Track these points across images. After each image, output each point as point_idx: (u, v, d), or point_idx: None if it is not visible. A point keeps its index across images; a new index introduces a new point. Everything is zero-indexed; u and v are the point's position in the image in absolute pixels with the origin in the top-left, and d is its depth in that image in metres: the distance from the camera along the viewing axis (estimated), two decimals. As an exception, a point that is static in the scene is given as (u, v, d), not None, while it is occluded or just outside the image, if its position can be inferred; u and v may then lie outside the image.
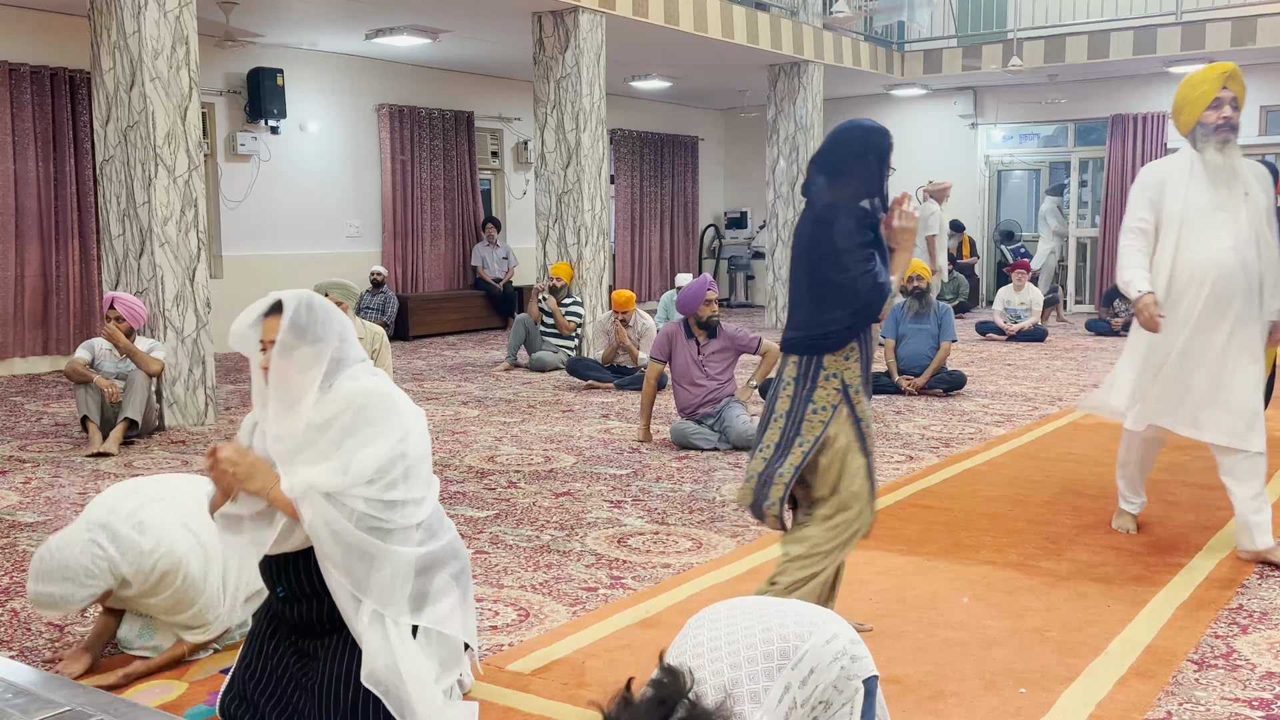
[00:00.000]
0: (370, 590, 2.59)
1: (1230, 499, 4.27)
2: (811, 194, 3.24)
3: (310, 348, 2.59)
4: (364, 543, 2.56)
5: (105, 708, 1.57)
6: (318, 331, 2.60)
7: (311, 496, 2.53)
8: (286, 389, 2.60)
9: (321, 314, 2.63)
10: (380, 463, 2.57)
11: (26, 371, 9.81)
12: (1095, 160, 15.64)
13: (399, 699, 2.60)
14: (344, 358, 2.66)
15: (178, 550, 3.17)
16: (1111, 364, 9.98)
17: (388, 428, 2.61)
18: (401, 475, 2.60)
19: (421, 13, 10.18)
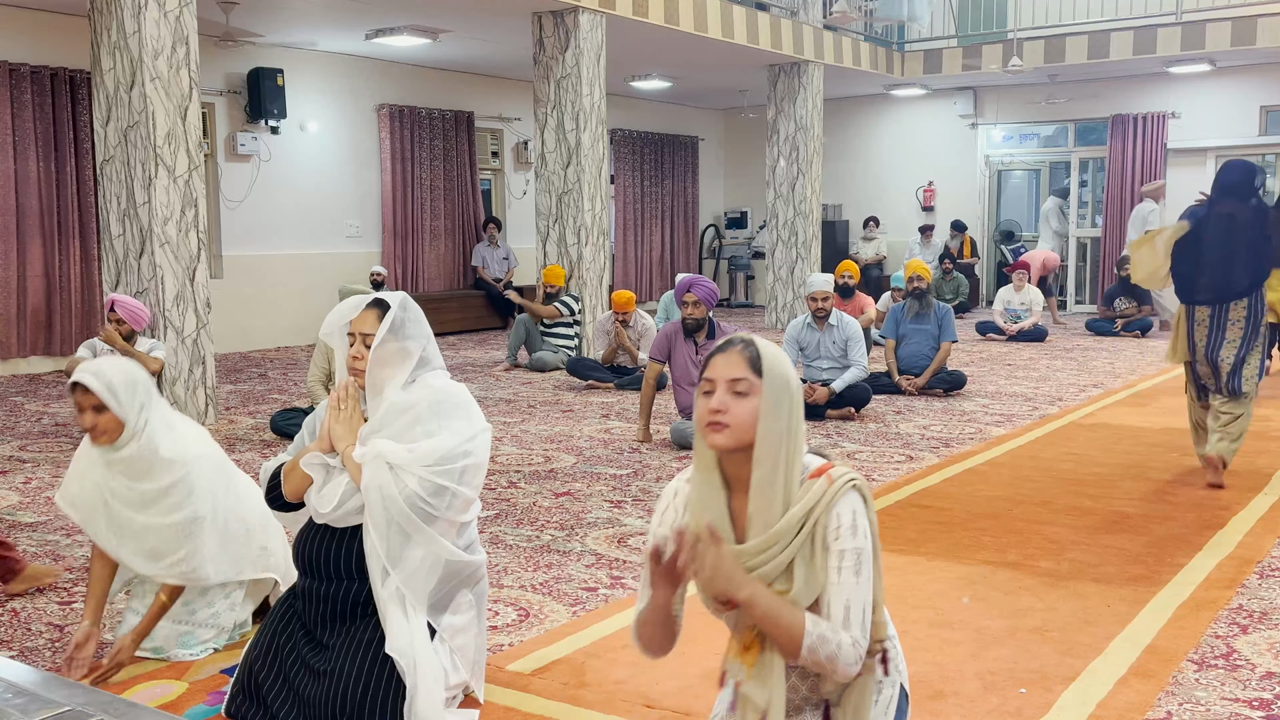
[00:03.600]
0: (400, 565, 2.76)
1: None
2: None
3: (401, 344, 2.82)
4: (406, 518, 2.73)
5: (105, 708, 1.57)
6: (410, 330, 2.83)
7: (376, 462, 2.72)
8: (374, 380, 2.81)
9: (415, 315, 2.86)
10: (444, 452, 2.76)
11: (27, 371, 9.82)
12: (1095, 160, 15.64)
13: (410, 681, 2.72)
14: (429, 359, 2.89)
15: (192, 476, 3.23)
16: (1111, 364, 9.99)
17: (460, 426, 2.82)
18: (460, 470, 2.78)
19: (421, 13, 10.18)
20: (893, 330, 8.57)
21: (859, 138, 16.88)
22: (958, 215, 15.94)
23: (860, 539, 2.04)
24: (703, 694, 3.08)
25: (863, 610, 2.03)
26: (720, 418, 2.05)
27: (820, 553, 2.03)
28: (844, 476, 2.07)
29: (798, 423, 2.09)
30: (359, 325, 2.84)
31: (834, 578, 2.03)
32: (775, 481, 2.04)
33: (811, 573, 2.02)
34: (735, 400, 2.05)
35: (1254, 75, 14.07)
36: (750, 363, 2.08)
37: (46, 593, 3.97)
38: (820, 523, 2.03)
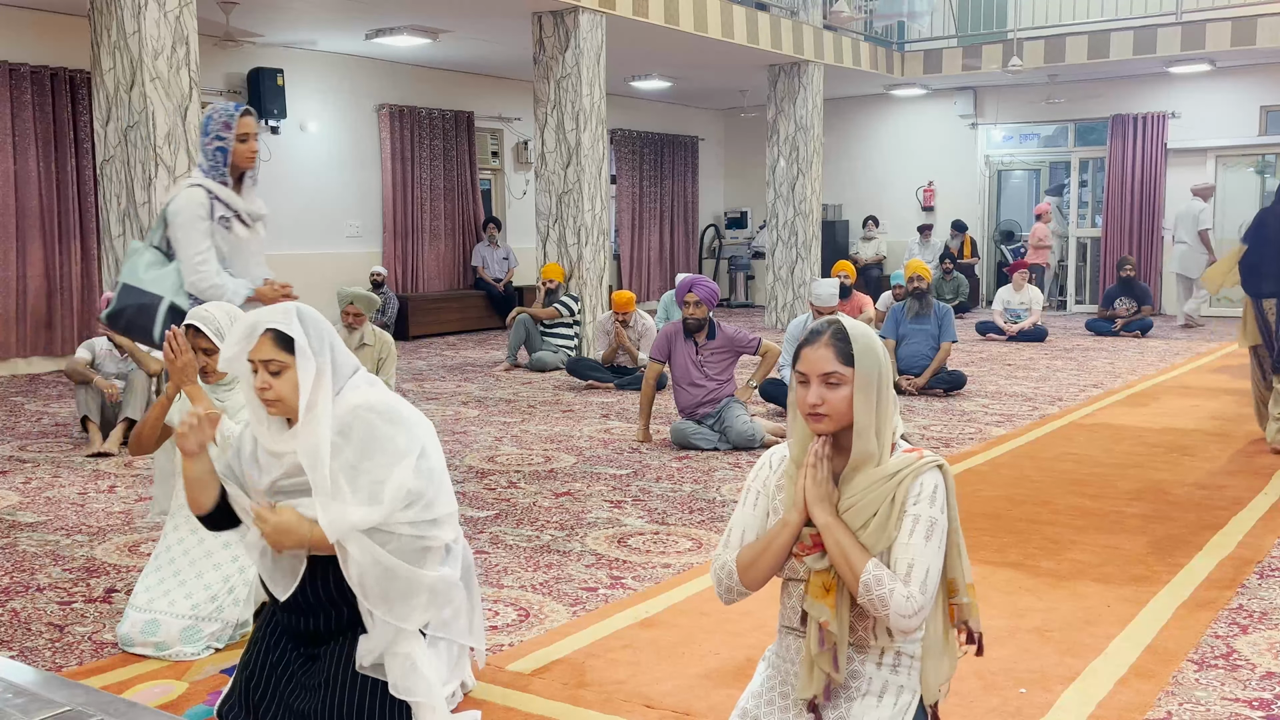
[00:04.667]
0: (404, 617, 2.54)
1: None
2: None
3: (305, 362, 2.51)
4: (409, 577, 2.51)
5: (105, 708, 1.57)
6: (312, 345, 2.53)
7: (355, 536, 2.47)
8: (284, 407, 2.54)
9: (312, 327, 2.55)
10: (410, 486, 2.51)
11: (27, 371, 9.82)
12: (1095, 160, 15.65)
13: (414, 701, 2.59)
14: (338, 367, 2.59)
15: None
16: (1111, 364, 9.99)
17: (405, 448, 2.54)
18: (435, 493, 2.57)
19: (421, 13, 10.18)
20: (893, 330, 8.57)
21: (859, 138, 16.88)
22: (958, 215, 15.94)
23: (936, 510, 2.19)
24: (703, 694, 3.08)
25: (926, 571, 2.15)
26: (819, 410, 2.21)
27: (897, 512, 2.18)
28: (933, 457, 2.25)
29: (887, 391, 2.25)
30: (257, 353, 2.53)
31: (904, 538, 2.17)
32: (870, 446, 2.22)
33: (884, 526, 2.18)
34: (829, 391, 2.21)
35: (1254, 75, 14.07)
36: (840, 355, 2.22)
37: (46, 591, 3.97)
38: (904, 485, 2.19)
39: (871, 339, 2.25)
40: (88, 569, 4.23)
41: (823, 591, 2.20)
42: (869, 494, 2.20)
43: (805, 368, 2.24)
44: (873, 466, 2.22)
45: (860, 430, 2.21)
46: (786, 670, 2.32)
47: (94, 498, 5.36)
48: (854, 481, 2.22)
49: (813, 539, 2.21)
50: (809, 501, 2.21)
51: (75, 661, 3.35)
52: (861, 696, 2.23)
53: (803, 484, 2.22)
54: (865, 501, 2.20)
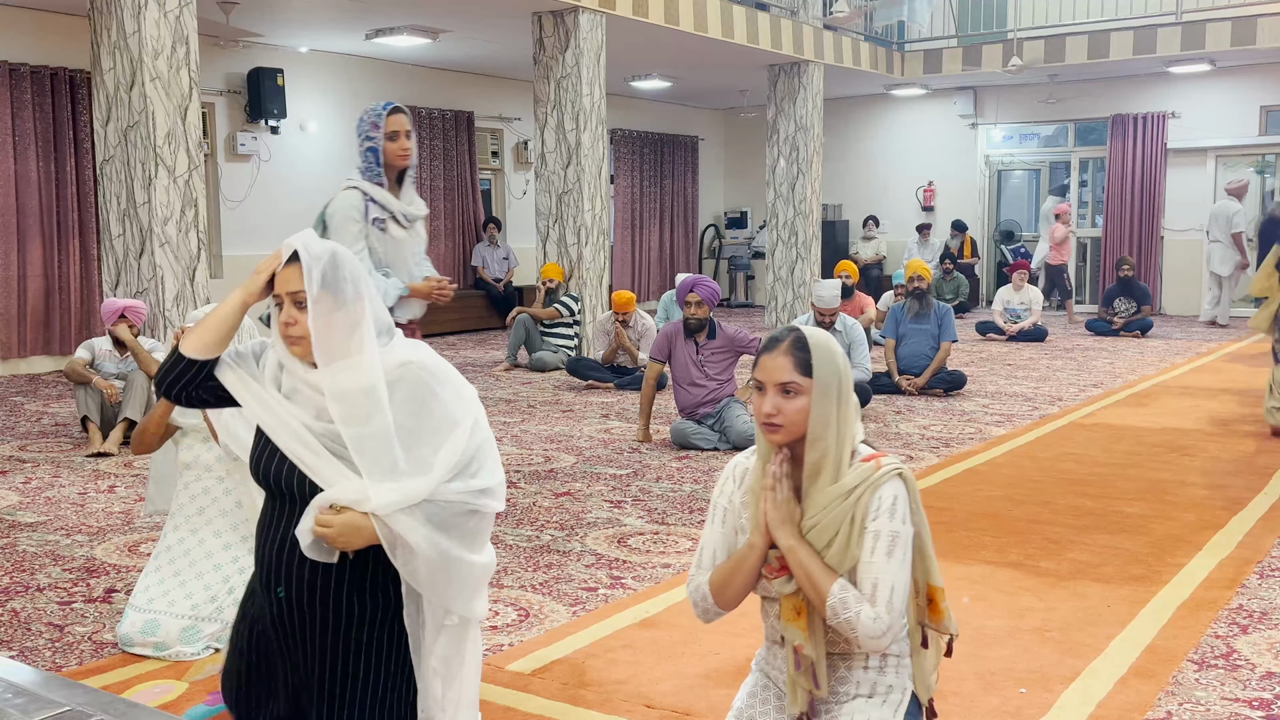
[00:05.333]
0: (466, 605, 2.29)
1: None
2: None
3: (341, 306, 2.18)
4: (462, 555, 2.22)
5: (105, 708, 1.57)
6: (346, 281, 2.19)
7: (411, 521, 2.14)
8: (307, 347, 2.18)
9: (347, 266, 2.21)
10: (460, 456, 2.20)
11: (27, 371, 9.81)
12: (1095, 160, 15.65)
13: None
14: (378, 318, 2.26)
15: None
16: (1111, 364, 9.99)
17: (459, 414, 2.24)
18: (485, 456, 2.27)
19: (421, 13, 10.17)
20: (893, 330, 8.57)
21: (859, 138, 16.88)
22: (958, 215, 15.94)
23: (898, 523, 2.14)
24: (702, 694, 3.08)
25: (891, 589, 2.11)
26: (774, 420, 2.15)
27: (858, 530, 2.13)
28: (891, 464, 2.18)
29: (847, 405, 2.19)
30: (282, 285, 2.19)
31: (866, 556, 2.13)
32: (827, 461, 2.16)
33: (846, 545, 2.13)
34: (786, 401, 2.15)
35: (1254, 75, 14.07)
36: (798, 364, 2.16)
37: (46, 591, 3.97)
38: (862, 501, 2.13)
39: (832, 349, 2.19)
40: (88, 569, 4.23)
41: (794, 615, 2.17)
42: (829, 513, 2.14)
43: (762, 376, 2.18)
44: (830, 482, 2.16)
45: (812, 441, 2.14)
46: (776, 677, 2.31)
47: (94, 498, 5.36)
48: (814, 499, 2.16)
49: (779, 561, 2.16)
50: (770, 525, 2.15)
51: (75, 661, 3.35)
52: (851, 699, 2.22)
53: (764, 507, 2.16)
54: (826, 521, 2.14)
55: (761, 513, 2.17)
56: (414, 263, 4.10)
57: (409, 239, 4.06)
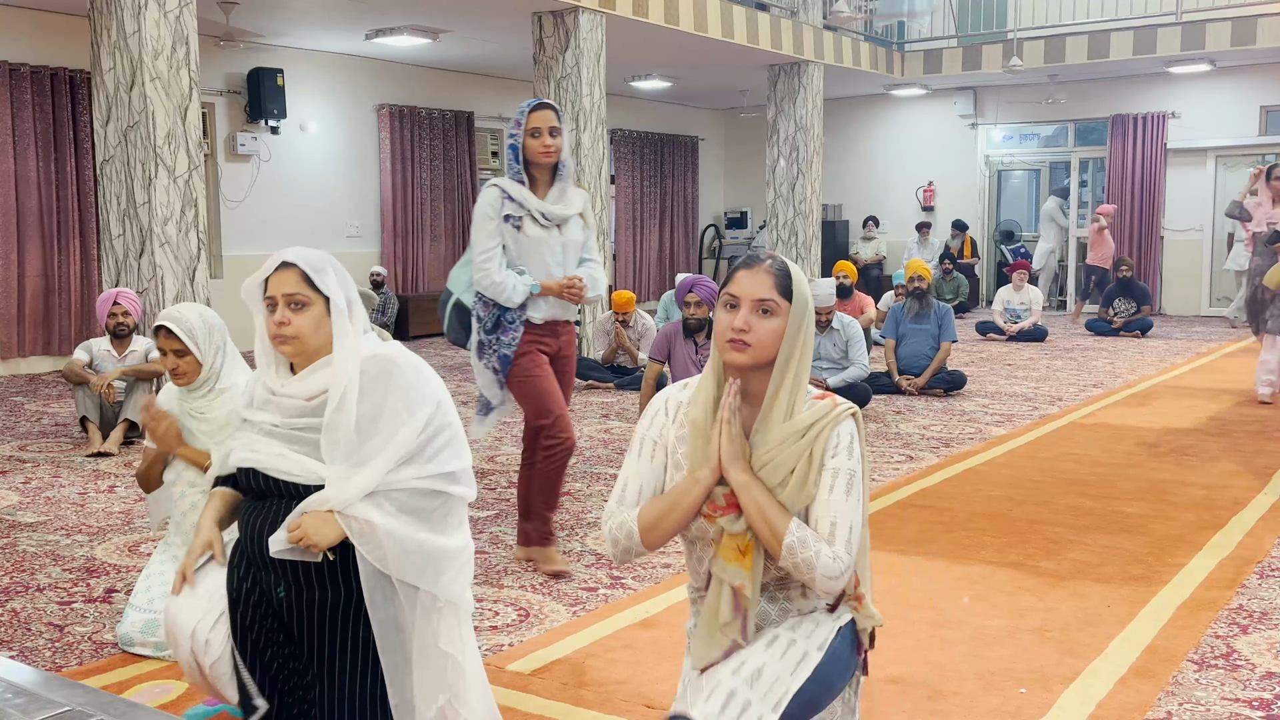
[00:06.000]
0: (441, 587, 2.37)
1: None
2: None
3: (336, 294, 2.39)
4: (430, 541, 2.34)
5: (105, 708, 1.57)
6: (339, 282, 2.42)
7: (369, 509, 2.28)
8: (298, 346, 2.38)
9: (335, 267, 2.44)
10: (412, 444, 2.33)
11: (27, 371, 9.82)
12: (1095, 160, 15.65)
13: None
14: (355, 316, 2.44)
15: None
16: (1111, 364, 9.99)
17: (420, 401, 2.38)
18: (445, 443, 2.39)
19: (421, 13, 10.18)
20: (893, 330, 8.57)
21: (859, 138, 16.88)
22: (957, 215, 15.95)
23: (855, 462, 2.10)
24: (703, 694, 3.08)
25: (849, 528, 2.06)
26: (744, 337, 2.06)
27: (816, 467, 2.07)
28: (845, 403, 2.13)
29: (809, 341, 2.14)
30: (277, 287, 2.37)
31: (824, 494, 2.07)
32: (784, 397, 2.09)
33: (803, 483, 2.07)
34: (759, 320, 2.07)
35: (1254, 75, 14.07)
36: (779, 285, 2.09)
37: (46, 591, 3.97)
38: (821, 438, 2.08)
39: (805, 283, 2.15)
40: (88, 569, 4.23)
41: (737, 555, 2.06)
42: (784, 449, 2.07)
43: (738, 290, 2.08)
44: (784, 418, 2.08)
45: (779, 368, 2.08)
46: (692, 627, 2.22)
47: (94, 498, 5.36)
48: (767, 436, 2.08)
49: (726, 499, 2.07)
50: (725, 460, 2.05)
51: (75, 661, 3.35)
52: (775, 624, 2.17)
53: (718, 440, 2.06)
54: (781, 458, 2.07)
55: (715, 447, 2.07)
56: (554, 262, 4.01)
57: (547, 238, 3.99)
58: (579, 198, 4.09)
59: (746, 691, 2.01)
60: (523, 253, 3.99)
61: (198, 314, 3.36)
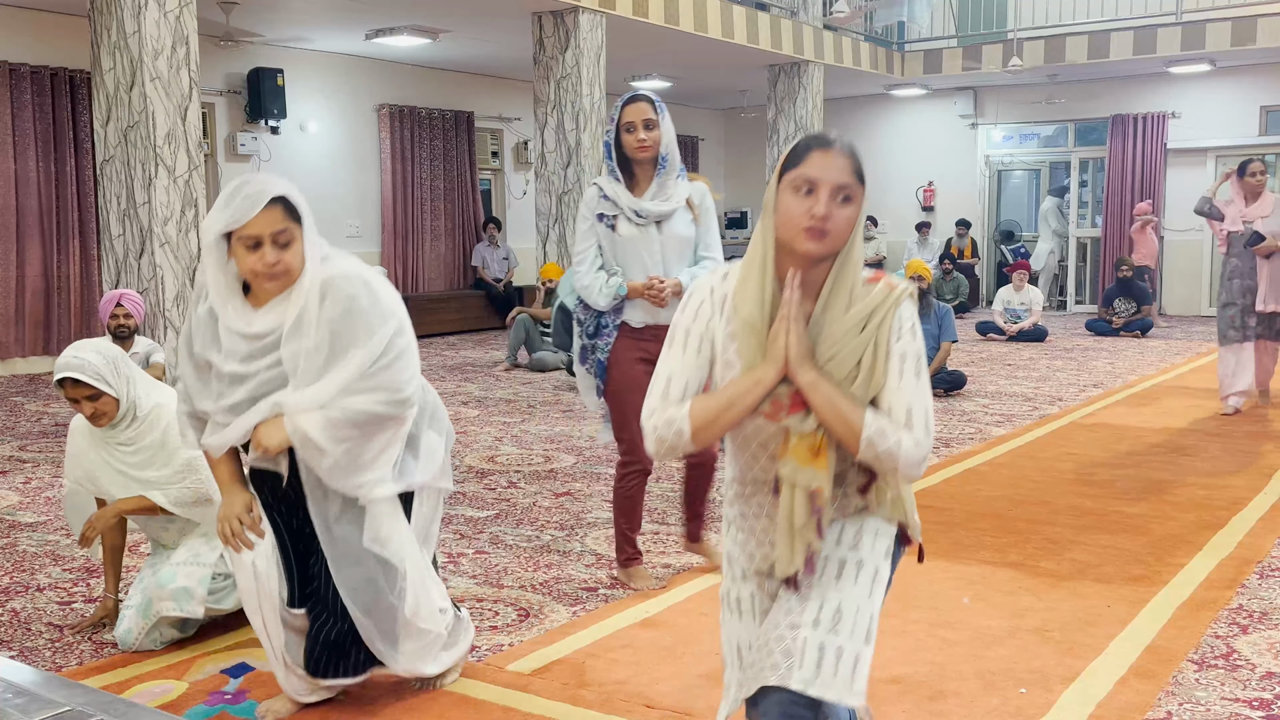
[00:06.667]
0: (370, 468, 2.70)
1: None
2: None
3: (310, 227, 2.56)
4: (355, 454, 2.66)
5: (105, 708, 1.57)
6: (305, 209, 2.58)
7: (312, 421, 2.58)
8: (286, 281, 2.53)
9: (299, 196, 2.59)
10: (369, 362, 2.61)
11: (26, 371, 9.82)
12: (1095, 160, 15.65)
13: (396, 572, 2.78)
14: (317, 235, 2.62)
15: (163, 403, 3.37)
16: (1111, 364, 9.99)
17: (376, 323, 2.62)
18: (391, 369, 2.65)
19: (421, 13, 10.18)
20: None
21: (859, 138, 16.85)
22: (958, 215, 15.95)
23: (919, 343, 2.00)
24: (702, 694, 3.08)
25: (925, 411, 1.98)
26: (825, 225, 1.93)
27: (882, 355, 1.97)
28: (903, 283, 2.02)
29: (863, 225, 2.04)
30: (264, 226, 2.48)
31: (894, 380, 1.97)
32: (845, 287, 1.99)
33: (871, 373, 1.97)
34: (838, 208, 1.94)
35: (1254, 75, 14.07)
36: (856, 169, 1.96)
37: (46, 591, 3.97)
38: (885, 324, 1.98)
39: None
40: (88, 569, 4.23)
41: (810, 456, 1.96)
42: (848, 341, 1.96)
43: (818, 173, 1.93)
44: (845, 309, 1.97)
45: (842, 258, 1.96)
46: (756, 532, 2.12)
47: (94, 498, 5.35)
48: (830, 329, 1.98)
49: (791, 398, 1.96)
50: (793, 360, 1.93)
51: (75, 661, 3.35)
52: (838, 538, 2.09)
53: (783, 338, 1.94)
54: (846, 351, 1.96)
55: (781, 346, 1.94)
56: (652, 262, 3.82)
57: (642, 236, 3.82)
58: (684, 192, 3.86)
59: (833, 639, 1.96)
60: (619, 253, 3.85)
61: (95, 353, 3.26)
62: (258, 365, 2.60)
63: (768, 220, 2.00)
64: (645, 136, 3.76)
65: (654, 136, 3.77)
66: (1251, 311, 7.21)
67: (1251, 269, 7.17)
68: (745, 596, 2.12)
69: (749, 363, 1.99)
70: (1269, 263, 7.11)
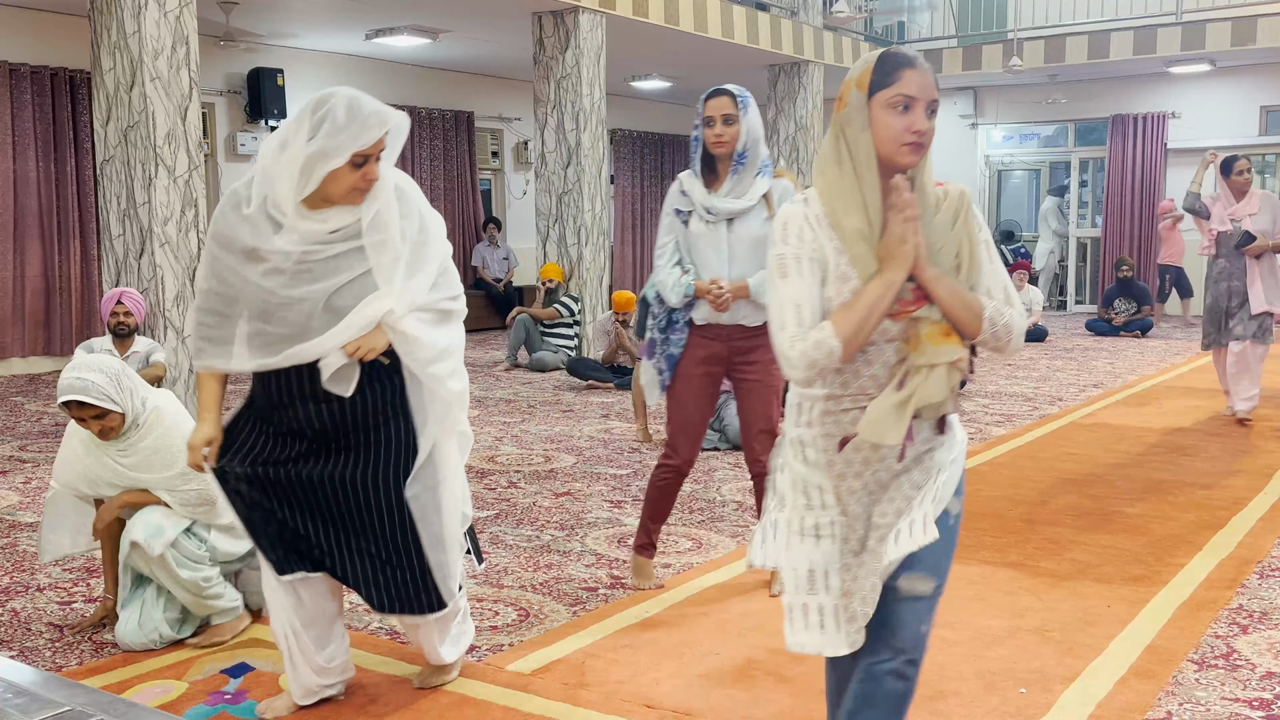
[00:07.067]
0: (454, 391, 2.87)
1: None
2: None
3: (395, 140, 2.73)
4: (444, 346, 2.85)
5: (105, 708, 1.57)
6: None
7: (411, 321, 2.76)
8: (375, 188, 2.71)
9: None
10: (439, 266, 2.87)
11: (26, 371, 9.81)
12: (1095, 160, 15.65)
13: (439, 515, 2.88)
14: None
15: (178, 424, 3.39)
16: (1111, 364, 10.00)
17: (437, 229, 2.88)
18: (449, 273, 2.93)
19: (421, 13, 10.18)
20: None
21: (859, 138, 16.86)
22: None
23: (987, 231, 2.22)
24: (702, 694, 3.08)
25: (1010, 288, 2.19)
26: (924, 139, 2.09)
27: (974, 245, 2.16)
28: (954, 183, 2.21)
29: None
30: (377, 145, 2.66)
31: (986, 266, 2.17)
32: (929, 190, 2.15)
33: (972, 262, 2.16)
34: (928, 122, 2.09)
35: (1254, 75, 14.07)
36: (938, 85, 2.14)
37: (46, 591, 3.97)
38: (967, 218, 2.16)
39: None
40: (88, 569, 4.23)
41: (944, 336, 2.11)
42: (947, 235, 2.13)
43: (915, 91, 2.06)
44: (935, 211, 2.14)
45: (924, 166, 2.13)
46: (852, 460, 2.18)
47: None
48: (929, 228, 2.13)
49: (914, 294, 2.10)
50: (920, 256, 2.08)
51: (75, 661, 3.35)
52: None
53: (911, 239, 2.07)
54: (947, 242, 2.13)
55: (912, 246, 2.07)
56: (719, 260, 3.75)
57: (710, 234, 3.75)
58: (760, 189, 3.75)
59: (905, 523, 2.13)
60: (692, 249, 3.81)
61: (98, 371, 3.24)
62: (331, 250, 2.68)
63: (857, 136, 2.11)
64: (722, 131, 3.72)
65: (731, 132, 3.72)
66: (1235, 314, 6.96)
67: (1241, 269, 6.94)
68: (825, 523, 2.18)
69: (864, 271, 2.10)
70: (1260, 263, 6.92)
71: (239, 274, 2.70)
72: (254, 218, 2.68)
